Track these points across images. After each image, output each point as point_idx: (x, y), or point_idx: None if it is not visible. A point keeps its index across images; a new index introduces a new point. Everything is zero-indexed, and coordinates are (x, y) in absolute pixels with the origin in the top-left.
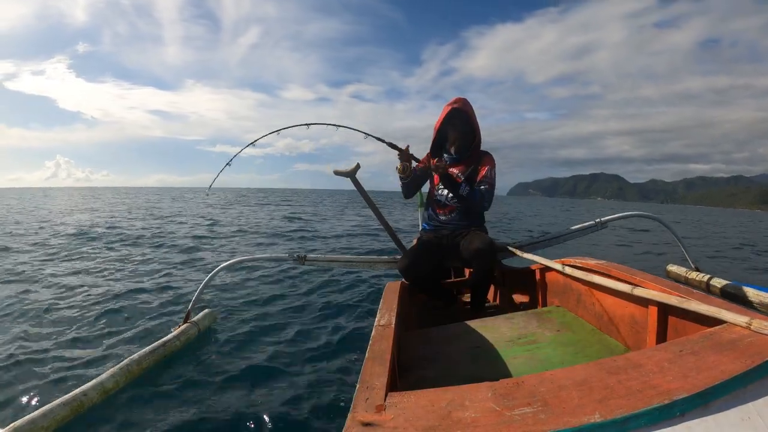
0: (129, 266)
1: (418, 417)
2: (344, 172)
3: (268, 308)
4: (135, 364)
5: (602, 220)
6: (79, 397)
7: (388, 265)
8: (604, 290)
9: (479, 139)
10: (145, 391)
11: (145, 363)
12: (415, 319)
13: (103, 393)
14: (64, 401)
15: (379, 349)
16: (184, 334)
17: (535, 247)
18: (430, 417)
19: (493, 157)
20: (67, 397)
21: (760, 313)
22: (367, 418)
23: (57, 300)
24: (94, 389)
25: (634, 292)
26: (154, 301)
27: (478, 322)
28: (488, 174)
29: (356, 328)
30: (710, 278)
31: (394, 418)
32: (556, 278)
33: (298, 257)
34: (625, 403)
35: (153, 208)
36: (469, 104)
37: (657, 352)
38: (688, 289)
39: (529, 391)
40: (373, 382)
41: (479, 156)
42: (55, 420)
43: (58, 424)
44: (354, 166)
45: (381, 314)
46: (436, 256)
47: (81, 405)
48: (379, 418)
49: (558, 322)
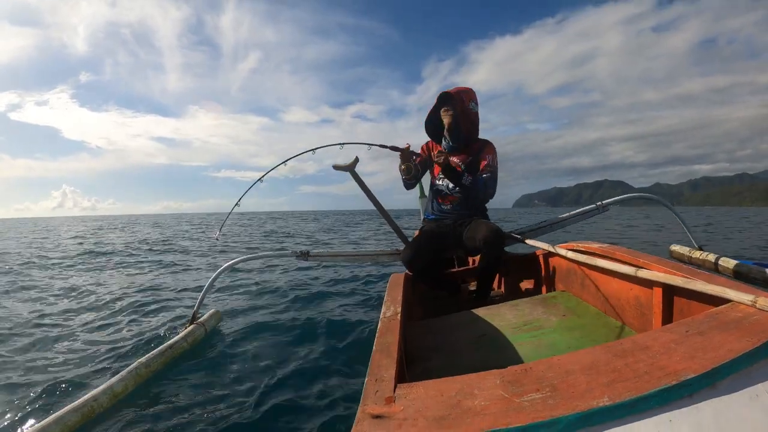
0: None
1: (427, 407)
2: (343, 167)
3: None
4: (143, 367)
5: (603, 203)
6: (89, 402)
7: (392, 257)
8: (608, 273)
9: (476, 125)
10: (155, 394)
11: (153, 365)
12: (420, 310)
13: (113, 397)
14: (74, 407)
15: (386, 341)
16: (191, 335)
17: (538, 233)
18: (440, 407)
19: (494, 145)
20: (77, 404)
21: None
22: (377, 410)
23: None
24: (104, 394)
25: (638, 274)
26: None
27: (483, 310)
28: (490, 162)
29: (362, 321)
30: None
31: (404, 409)
32: (560, 263)
33: (301, 253)
34: (633, 385)
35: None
36: (464, 92)
37: (663, 334)
38: (692, 269)
39: (537, 377)
40: (382, 374)
41: (480, 145)
42: (67, 426)
43: (70, 430)
44: (353, 160)
45: (386, 306)
46: (439, 246)
47: (92, 411)
48: (389, 410)
49: (563, 307)
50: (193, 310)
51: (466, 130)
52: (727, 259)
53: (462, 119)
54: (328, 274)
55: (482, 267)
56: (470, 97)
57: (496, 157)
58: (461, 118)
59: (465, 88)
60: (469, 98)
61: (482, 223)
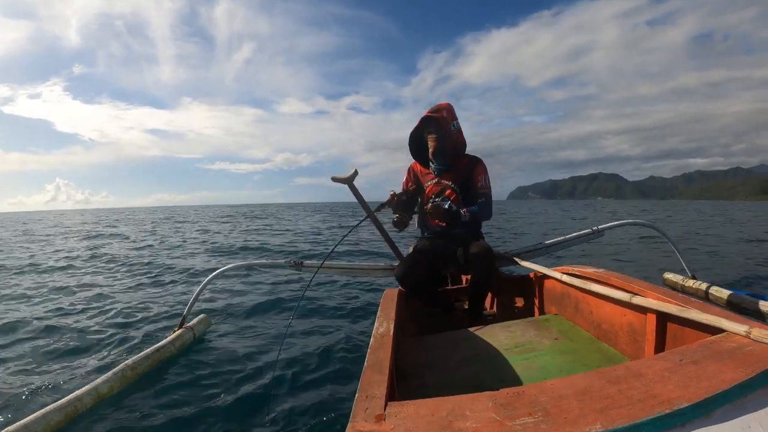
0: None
1: (418, 427)
2: (342, 179)
3: (264, 314)
4: (129, 370)
5: (599, 228)
6: (73, 402)
7: (386, 272)
8: (602, 298)
9: (460, 144)
10: (140, 397)
11: (139, 368)
12: (412, 327)
13: (98, 398)
14: (58, 406)
15: (378, 357)
16: (179, 340)
17: (533, 255)
18: (431, 427)
19: (484, 162)
20: (61, 402)
21: (759, 322)
22: (367, 427)
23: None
24: (88, 394)
25: (632, 300)
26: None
27: (475, 329)
28: (483, 183)
29: (354, 335)
30: (708, 286)
31: (394, 428)
32: (554, 286)
33: (294, 263)
34: (627, 412)
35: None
36: (445, 110)
37: (657, 361)
38: (686, 297)
39: (529, 401)
40: (373, 390)
41: (468, 162)
42: (50, 425)
43: (53, 429)
44: (352, 173)
45: (379, 322)
46: (432, 263)
47: (75, 410)
48: (378, 428)
49: (556, 330)
50: (183, 315)
51: (452, 151)
52: (720, 289)
53: (447, 141)
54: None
55: (473, 283)
56: (452, 115)
57: (488, 176)
58: (447, 140)
59: (444, 105)
60: (452, 117)
61: (474, 242)
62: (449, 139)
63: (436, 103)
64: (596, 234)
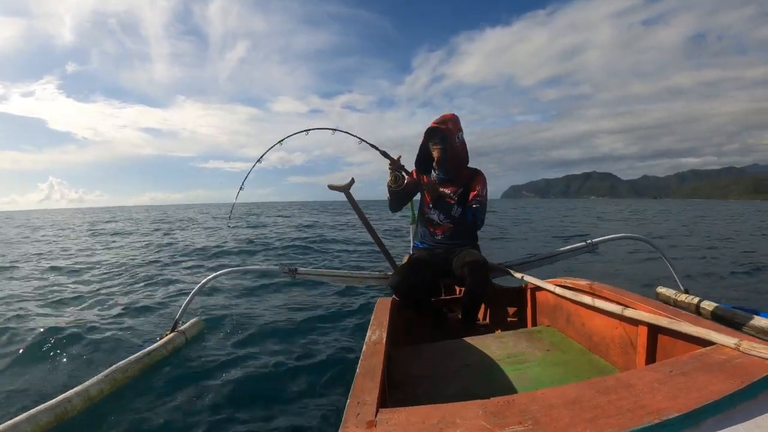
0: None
1: None
2: (339, 187)
3: (257, 319)
4: (120, 372)
5: (593, 241)
6: (63, 403)
7: (380, 281)
8: (594, 310)
9: (463, 156)
10: (130, 400)
11: (130, 371)
12: (405, 336)
13: (88, 400)
14: (48, 407)
15: (370, 364)
16: (170, 343)
17: (526, 267)
18: None
19: (484, 174)
20: (51, 403)
21: (749, 335)
22: None
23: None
24: (78, 396)
25: (624, 312)
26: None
27: (468, 340)
28: (480, 193)
29: (347, 343)
30: (700, 300)
31: None
32: (547, 298)
33: (289, 270)
34: (616, 422)
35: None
36: (450, 121)
37: (647, 373)
38: (677, 310)
39: (520, 410)
40: (364, 397)
41: (469, 174)
42: (39, 425)
43: (42, 429)
44: (348, 181)
45: (372, 330)
46: (427, 273)
47: (65, 412)
48: None
49: (548, 341)
50: (175, 318)
51: (455, 162)
52: (711, 303)
53: (450, 152)
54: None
55: (466, 294)
56: (457, 127)
57: (486, 187)
58: (450, 151)
59: (449, 117)
60: (456, 129)
61: (469, 252)
62: (452, 151)
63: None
64: (590, 247)
